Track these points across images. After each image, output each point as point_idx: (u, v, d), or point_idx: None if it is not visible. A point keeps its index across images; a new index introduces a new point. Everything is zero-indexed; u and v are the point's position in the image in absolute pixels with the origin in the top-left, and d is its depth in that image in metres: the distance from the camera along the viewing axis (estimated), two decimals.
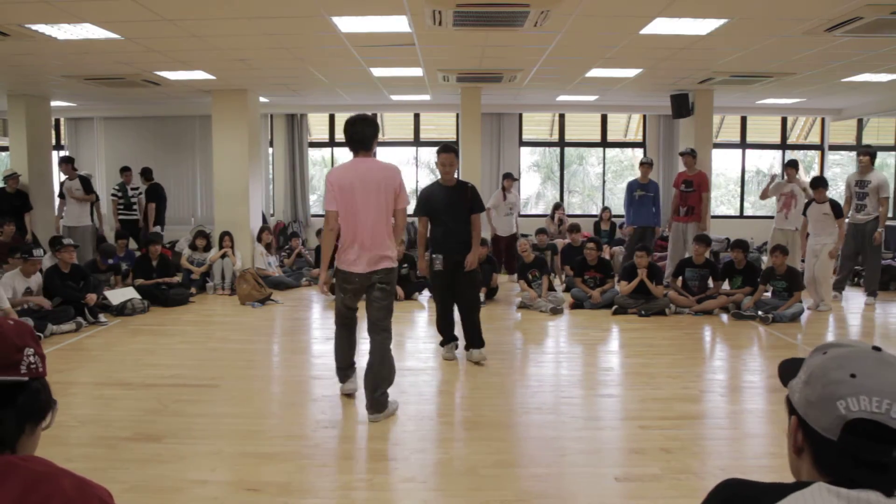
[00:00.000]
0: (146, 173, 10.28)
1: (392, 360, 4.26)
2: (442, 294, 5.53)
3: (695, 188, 8.72)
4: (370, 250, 4.08)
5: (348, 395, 4.57)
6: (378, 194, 4.06)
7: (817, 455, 1.01)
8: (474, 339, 5.49)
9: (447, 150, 5.38)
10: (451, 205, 5.34)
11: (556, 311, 7.41)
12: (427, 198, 5.44)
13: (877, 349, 1.02)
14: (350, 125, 4.14)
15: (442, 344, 5.62)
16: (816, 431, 1.00)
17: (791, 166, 8.39)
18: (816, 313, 7.46)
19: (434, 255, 5.42)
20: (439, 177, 5.48)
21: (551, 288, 7.93)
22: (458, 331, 5.63)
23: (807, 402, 1.02)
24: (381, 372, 4.18)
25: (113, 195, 10.16)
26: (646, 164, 9.20)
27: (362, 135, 4.11)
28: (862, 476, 0.95)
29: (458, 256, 5.35)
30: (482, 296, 7.27)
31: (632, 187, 9.19)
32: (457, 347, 5.61)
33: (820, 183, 7.79)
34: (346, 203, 4.06)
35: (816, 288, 7.65)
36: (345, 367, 4.58)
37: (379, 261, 4.10)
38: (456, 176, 5.50)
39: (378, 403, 4.16)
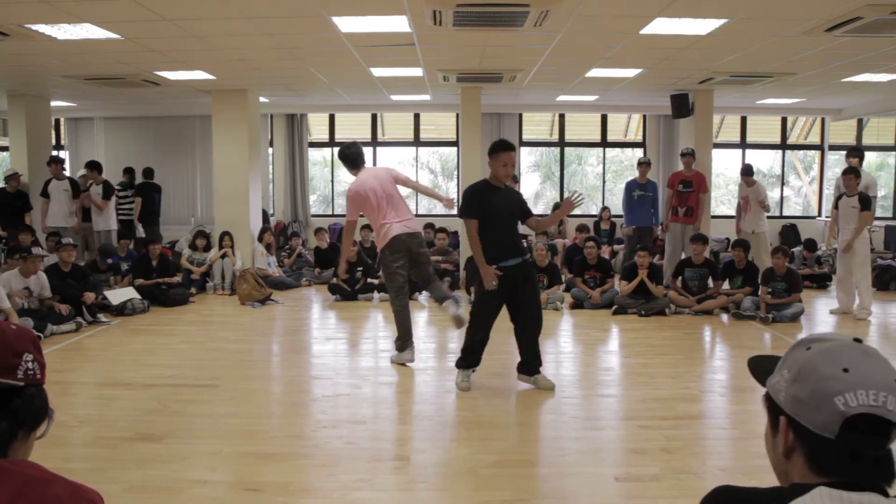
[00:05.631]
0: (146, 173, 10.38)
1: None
2: (491, 317, 4.69)
3: (693, 188, 8.74)
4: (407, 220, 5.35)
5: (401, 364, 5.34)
6: (391, 185, 5.40)
7: (812, 454, 0.98)
8: (538, 360, 4.79)
9: (511, 148, 4.63)
10: (507, 208, 4.60)
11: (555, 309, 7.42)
12: (480, 198, 4.55)
13: (858, 341, 1.00)
14: (347, 148, 5.51)
15: (463, 366, 4.78)
16: (810, 430, 0.97)
17: (746, 174, 8.64)
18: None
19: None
20: (487, 176, 4.69)
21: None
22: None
23: (797, 400, 0.99)
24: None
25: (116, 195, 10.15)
26: (645, 164, 9.22)
27: (359, 152, 5.54)
28: (859, 471, 0.94)
29: (514, 270, 4.55)
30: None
31: (630, 187, 9.20)
32: (474, 371, 4.88)
33: (851, 172, 7.45)
34: (369, 202, 5.31)
35: (857, 291, 7.38)
36: (402, 337, 5.37)
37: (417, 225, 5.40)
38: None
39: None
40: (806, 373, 0.99)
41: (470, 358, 4.78)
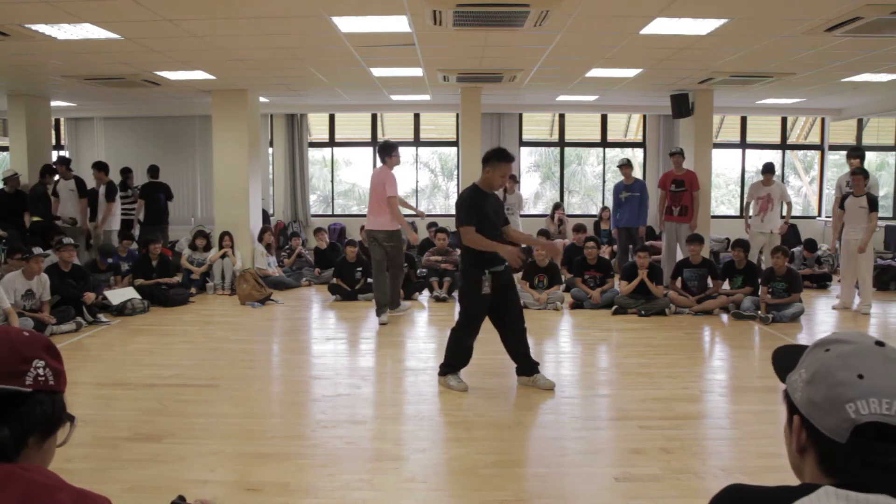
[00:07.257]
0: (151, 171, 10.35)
1: (387, 286, 6.92)
2: (481, 320, 4.75)
3: (686, 187, 8.78)
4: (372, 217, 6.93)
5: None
6: (375, 187, 6.87)
7: (822, 456, 0.97)
8: (534, 359, 4.81)
9: (513, 159, 4.75)
10: (497, 214, 4.71)
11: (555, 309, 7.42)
12: (477, 206, 4.58)
13: (880, 344, 0.99)
14: (383, 143, 7.15)
15: (452, 371, 4.77)
16: (821, 432, 0.96)
17: (768, 171, 8.60)
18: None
19: (483, 275, 4.59)
20: (492, 186, 4.71)
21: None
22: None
23: (811, 402, 0.98)
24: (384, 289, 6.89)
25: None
26: (625, 166, 9.33)
27: (382, 151, 7.02)
28: (868, 477, 0.93)
29: (505, 273, 4.71)
30: None
31: (617, 189, 9.34)
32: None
33: (861, 172, 7.58)
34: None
35: (860, 287, 7.50)
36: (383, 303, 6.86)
37: (377, 224, 6.85)
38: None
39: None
40: (821, 376, 0.98)
41: (458, 362, 4.78)
